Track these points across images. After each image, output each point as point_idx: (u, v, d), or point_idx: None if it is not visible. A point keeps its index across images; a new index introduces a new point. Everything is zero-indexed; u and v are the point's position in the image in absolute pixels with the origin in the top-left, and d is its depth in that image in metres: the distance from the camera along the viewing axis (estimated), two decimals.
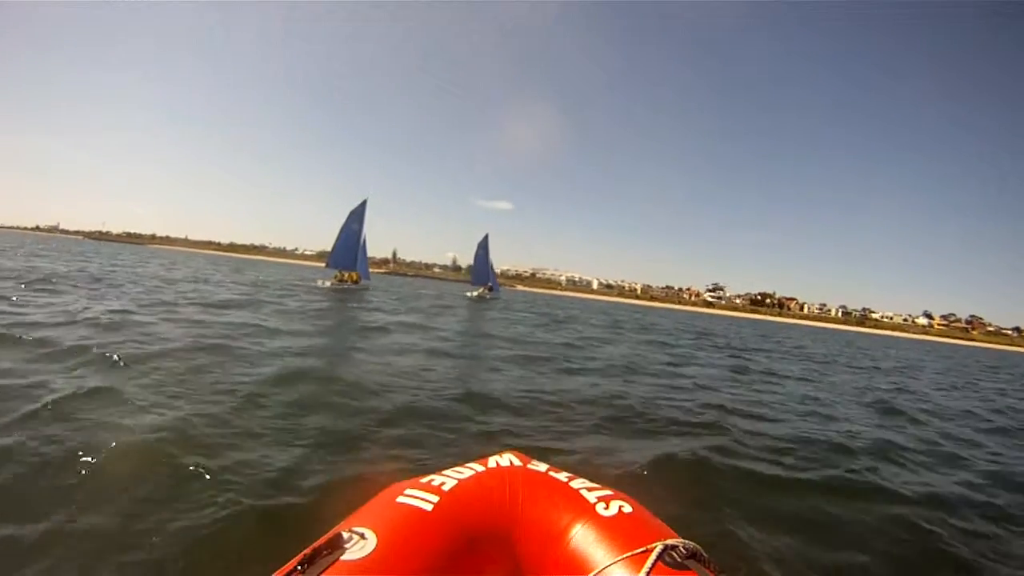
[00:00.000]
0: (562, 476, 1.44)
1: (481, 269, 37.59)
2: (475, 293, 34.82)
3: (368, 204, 25.54)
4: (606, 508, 1.28)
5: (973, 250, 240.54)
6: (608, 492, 1.35)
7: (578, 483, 1.40)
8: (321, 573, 0.99)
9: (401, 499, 1.25)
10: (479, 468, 1.45)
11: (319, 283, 24.08)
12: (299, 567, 1.00)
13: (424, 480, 1.35)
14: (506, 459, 1.51)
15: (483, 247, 37.31)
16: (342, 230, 25.04)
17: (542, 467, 1.48)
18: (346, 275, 24.93)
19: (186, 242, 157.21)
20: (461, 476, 1.39)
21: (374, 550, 1.06)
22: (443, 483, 1.34)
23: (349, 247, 25.01)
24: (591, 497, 1.32)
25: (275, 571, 1.01)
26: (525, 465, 1.48)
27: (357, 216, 25.43)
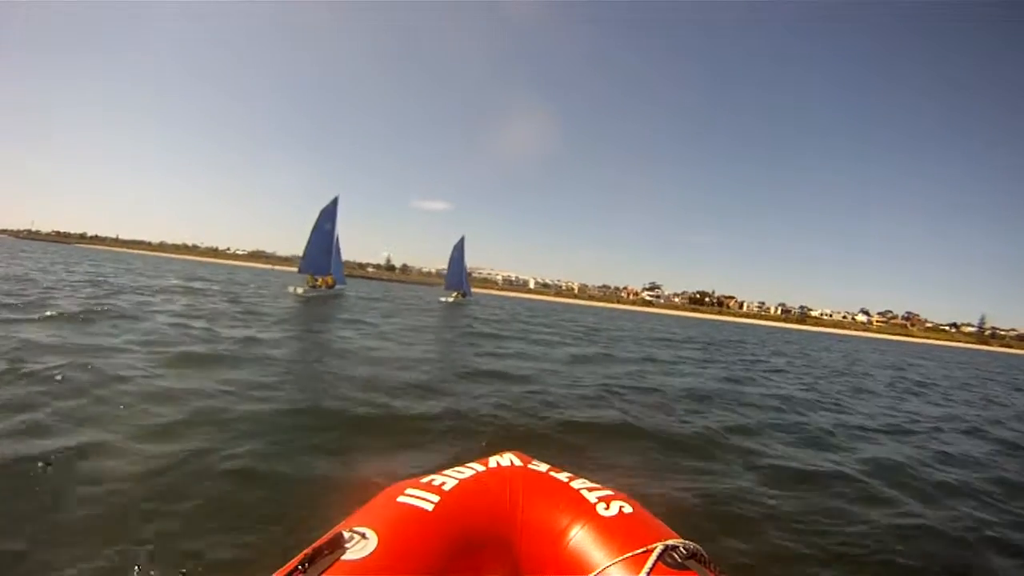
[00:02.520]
0: (563, 476, 1.43)
1: (456, 273, 36.01)
2: (450, 298, 33.35)
3: (306, 200, 23.64)
4: (606, 508, 1.27)
5: (900, 247, 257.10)
6: (609, 492, 1.35)
7: (579, 483, 1.39)
8: (322, 573, 0.97)
9: (402, 499, 1.24)
10: (480, 468, 1.44)
11: (290, 289, 21.67)
12: (300, 567, 0.98)
13: (425, 480, 1.34)
14: (507, 459, 1.50)
15: (459, 249, 35.95)
16: (314, 231, 23.27)
17: (543, 467, 1.48)
18: (319, 280, 22.71)
19: (116, 242, 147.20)
20: (462, 476, 1.38)
21: (375, 550, 1.05)
22: (444, 483, 1.32)
23: (322, 249, 23.28)
24: (592, 497, 1.32)
25: (276, 571, 1.00)
26: (526, 465, 1.47)
27: (329, 215, 23.60)
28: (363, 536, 1.08)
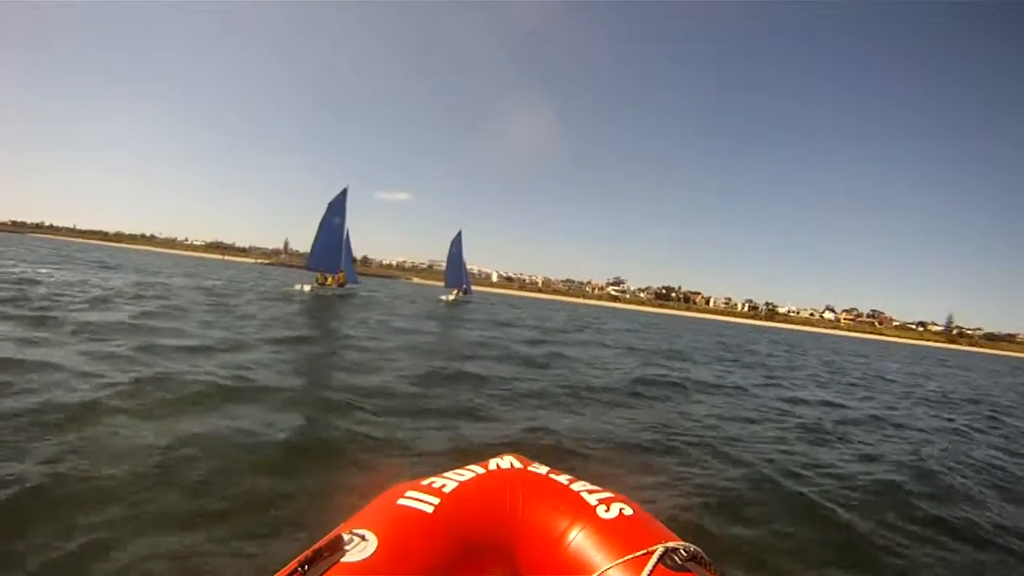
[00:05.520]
0: (563, 479, 1.43)
1: (455, 269, 34.78)
2: (451, 296, 32.11)
3: (256, 191, 22.63)
4: (607, 511, 1.27)
5: (863, 244, 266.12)
6: (609, 494, 1.34)
7: (579, 486, 1.39)
8: (322, 575, 0.97)
9: (402, 501, 1.24)
10: (480, 470, 1.43)
11: (296, 288, 20.47)
12: (300, 568, 0.99)
13: (425, 482, 1.34)
14: (507, 461, 1.49)
15: (457, 245, 34.50)
16: (321, 225, 22.07)
17: (543, 469, 1.47)
18: (330, 278, 21.45)
19: (72, 232, 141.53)
20: (462, 478, 1.37)
21: (375, 552, 1.04)
22: (444, 485, 1.32)
23: (331, 244, 22.07)
24: (592, 500, 1.31)
25: (276, 572, 1.00)
26: (526, 467, 1.47)
27: (338, 208, 22.33)
28: (363, 538, 1.07)
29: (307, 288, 20.59)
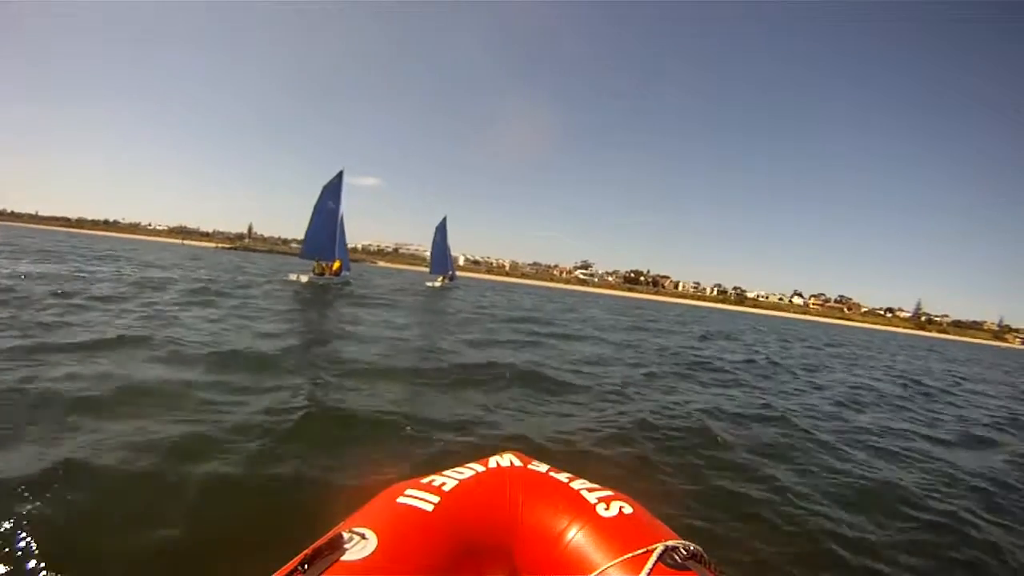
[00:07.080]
0: (563, 477, 1.43)
1: (440, 255, 34.48)
2: (436, 283, 31.64)
3: (223, 178, 22.29)
4: (607, 509, 1.27)
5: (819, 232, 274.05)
6: (609, 493, 1.35)
7: (579, 484, 1.39)
8: (322, 573, 0.98)
9: (401, 499, 1.24)
10: (479, 468, 1.44)
11: (292, 277, 20.16)
12: (300, 567, 0.99)
13: (424, 480, 1.34)
14: (507, 459, 1.50)
15: (441, 231, 33.92)
16: (316, 210, 21.11)
17: (543, 467, 1.47)
18: (326, 266, 20.96)
19: (34, 218, 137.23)
20: (462, 476, 1.38)
21: (375, 550, 1.05)
22: (443, 483, 1.32)
23: (326, 230, 21.18)
24: (592, 498, 1.32)
25: (276, 571, 1.00)
26: (526, 466, 1.47)
27: (333, 192, 21.35)
28: (363, 537, 1.09)
29: (304, 278, 19.67)
